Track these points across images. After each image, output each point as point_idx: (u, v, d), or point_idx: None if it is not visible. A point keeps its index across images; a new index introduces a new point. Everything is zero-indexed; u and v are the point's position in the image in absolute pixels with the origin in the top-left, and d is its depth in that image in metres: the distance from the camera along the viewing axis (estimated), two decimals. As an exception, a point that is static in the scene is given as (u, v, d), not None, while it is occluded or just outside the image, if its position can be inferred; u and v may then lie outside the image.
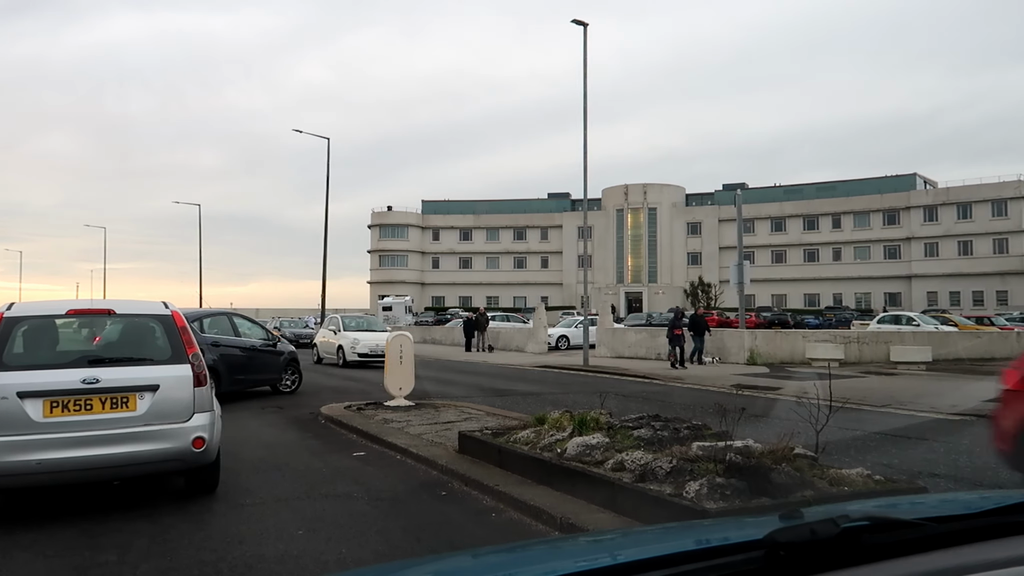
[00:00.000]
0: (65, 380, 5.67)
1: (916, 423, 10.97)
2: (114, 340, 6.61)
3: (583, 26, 25.60)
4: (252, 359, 14.36)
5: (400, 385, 11.74)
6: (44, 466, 5.44)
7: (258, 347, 14.70)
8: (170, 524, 5.59)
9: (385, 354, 11.89)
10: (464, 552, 2.53)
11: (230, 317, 15.29)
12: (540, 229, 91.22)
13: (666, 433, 6.00)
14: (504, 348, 34.52)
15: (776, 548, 1.41)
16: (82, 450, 5.54)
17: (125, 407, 5.79)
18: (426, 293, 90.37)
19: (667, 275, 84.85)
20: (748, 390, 16.27)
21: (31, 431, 5.45)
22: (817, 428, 5.85)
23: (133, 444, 5.73)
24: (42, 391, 5.57)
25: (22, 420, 5.44)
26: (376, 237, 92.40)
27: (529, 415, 10.65)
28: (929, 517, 1.61)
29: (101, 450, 5.61)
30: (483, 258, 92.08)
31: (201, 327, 13.40)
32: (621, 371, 21.15)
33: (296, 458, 8.20)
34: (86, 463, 5.57)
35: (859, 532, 1.45)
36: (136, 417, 5.78)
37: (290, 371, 15.29)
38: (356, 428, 9.65)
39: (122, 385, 5.81)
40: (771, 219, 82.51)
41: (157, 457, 5.85)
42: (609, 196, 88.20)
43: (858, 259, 78.63)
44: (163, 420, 5.87)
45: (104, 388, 5.73)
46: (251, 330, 15.30)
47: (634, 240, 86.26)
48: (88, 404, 5.68)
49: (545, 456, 6.15)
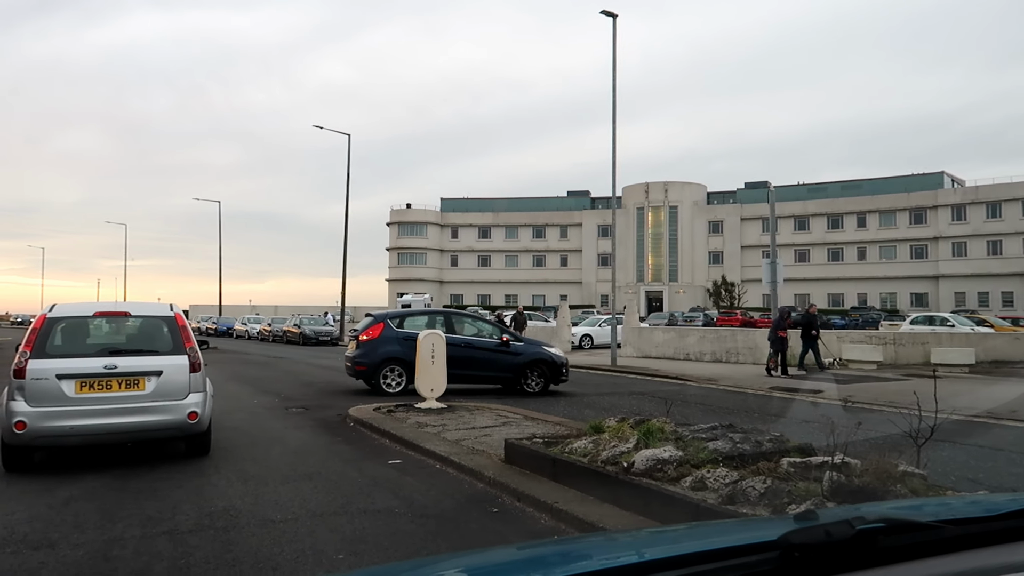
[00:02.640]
0: (91, 366, 7.36)
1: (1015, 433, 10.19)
2: (130, 335, 8.39)
3: (612, 17, 24.87)
4: (470, 355, 14.23)
5: (432, 386, 11.13)
6: (75, 430, 7.20)
7: (475, 344, 14.60)
8: (195, 545, 5.00)
9: (416, 353, 11.28)
10: (477, 551, 2.57)
11: (448, 316, 15.99)
12: (559, 227, 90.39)
13: (747, 446, 5.33)
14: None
15: (791, 549, 1.39)
16: (103, 419, 7.25)
17: (136, 387, 7.47)
18: (444, 291, 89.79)
19: (688, 274, 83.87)
20: (788, 393, 15.57)
21: (65, 404, 7.17)
22: (918, 440, 5.16)
23: (142, 416, 7.40)
24: (74, 374, 7.26)
25: (59, 395, 7.18)
26: (395, 235, 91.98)
27: (570, 420, 10.07)
28: (947, 519, 1.59)
29: (118, 419, 7.30)
30: (502, 256, 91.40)
31: (400, 324, 14.72)
32: (651, 372, 20.45)
33: (328, 466, 7.60)
34: (106, 429, 7.30)
35: (875, 534, 1.44)
36: (145, 395, 7.45)
37: (535, 372, 14.59)
38: (388, 432, 9.04)
39: (134, 370, 7.49)
40: (794, 218, 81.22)
41: (160, 426, 7.53)
42: (629, 194, 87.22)
43: (884, 259, 77.25)
44: (165, 398, 7.53)
45: (120, 373, 7.42)
46: (474, 327, 15.43)
47: (655, 238, 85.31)
48: (108, 384, 7.37)
49: (609, 470, 5.51)
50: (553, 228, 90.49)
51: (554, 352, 15.12)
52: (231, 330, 51.26)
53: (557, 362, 14.73)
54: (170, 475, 7.12)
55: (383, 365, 14.07)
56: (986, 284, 69.82)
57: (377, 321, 14.98)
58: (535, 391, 14.30)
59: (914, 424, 5.25)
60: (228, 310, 61.23)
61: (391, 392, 13.81)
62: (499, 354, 14.46)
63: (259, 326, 47.19)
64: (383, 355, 14.10)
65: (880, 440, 5.72)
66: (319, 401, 13.39)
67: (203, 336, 49.26)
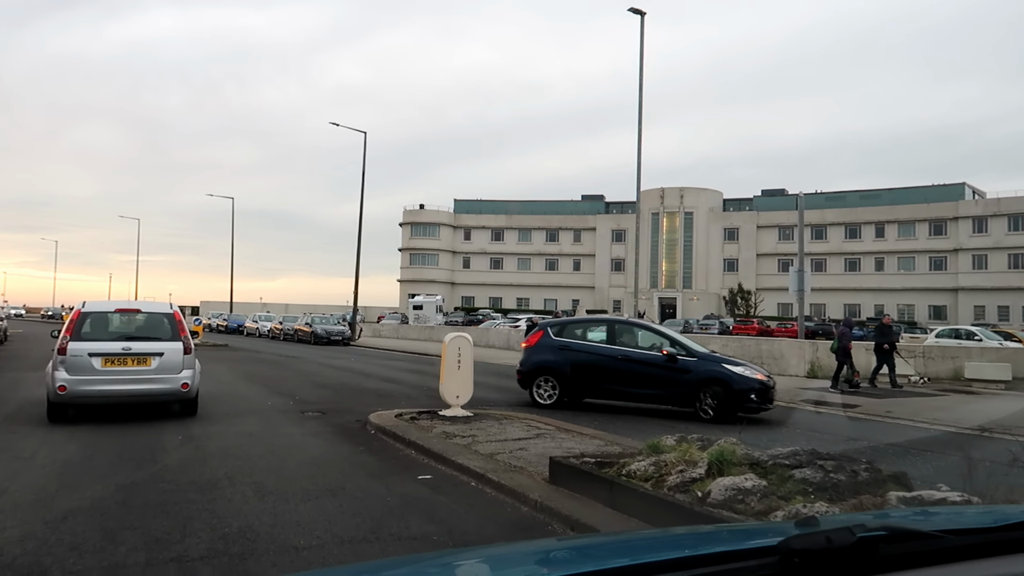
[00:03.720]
0: (112, 348, 10.10)
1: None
2: (140, 326, 10.92)
3: (640, 15, 24.24)
4: (627, 369, 12.40)
5: (457, 392, 10.47)
6: (100, 394, 9.92)
7: (633, 356, 12.51)
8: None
9: (441, 357, 10.61)
10: (474, 548, 2.71)
11: (611, 324, 14.01)
12: (573, 231, 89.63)
13: (842, 476, 4.63)
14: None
15: (791, 555, 1.38)
16: (121, 386, 9.98)
17: (145, 364, 10.13)
18: (456, 293, 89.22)
19: (702, 281, 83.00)
20: (823, 407, 14.82)
21: (94, 374, 9.82)
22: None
23: (148, 384, 10.12)
24: (100, 353, 9.93)
25: (89, 368, 9.80)
26: (407, 235, 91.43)
27: (606, 433, 9.37)
28: (949, 529, 1.57)
29: (131, 387, 10.05)
30: (514, 259, 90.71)
31: (559, 331, 13.45)
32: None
33: (352, 480, 6.94)
34: (122, 393, 10.06)
35: (875, 542, 1.43)
36: (151, 370, 10.13)
37: (709, 394, 11.80)
38: (415, 443, 8.36)
39: (143, 352, 10.17)
40: (812, 226, 79.97)
41: (161, 393, 10.27)
42: (645, 199, 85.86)
43: (902, 269, 76.20)
44: (165, 372, 10.18)
45: (133, 353, 10.13)
46: (640, 338, 13.09)
47: (669, 244, 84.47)
48: (125, 361, 10.06)
49: (680, 500, 4.81)
50: (567, 232, 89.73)
51: (739, 371, 11.92)
52: (242, 327, 50.73)
53: (739, 385, 11.70)
54: (180, 487, 6.48)
55: (536, 374, 13.11)
56: (1007, 298, 68.66)
57: (538, 328, 14.18)
58: (709, 417, 11.56)
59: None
60: (238, 307, 60.72)
61: (542, 403, 12.68)
62: (663, 370, 12.08)
63: (270, 324, 46.63)
64: (536, 363, 13.18)
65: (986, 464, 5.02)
66: (336, 405, 12.75)
67: (213, 331, 48.93)
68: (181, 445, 8.61)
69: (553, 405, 12.57)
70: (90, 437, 9.09)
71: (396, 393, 15.01)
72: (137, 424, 10.06)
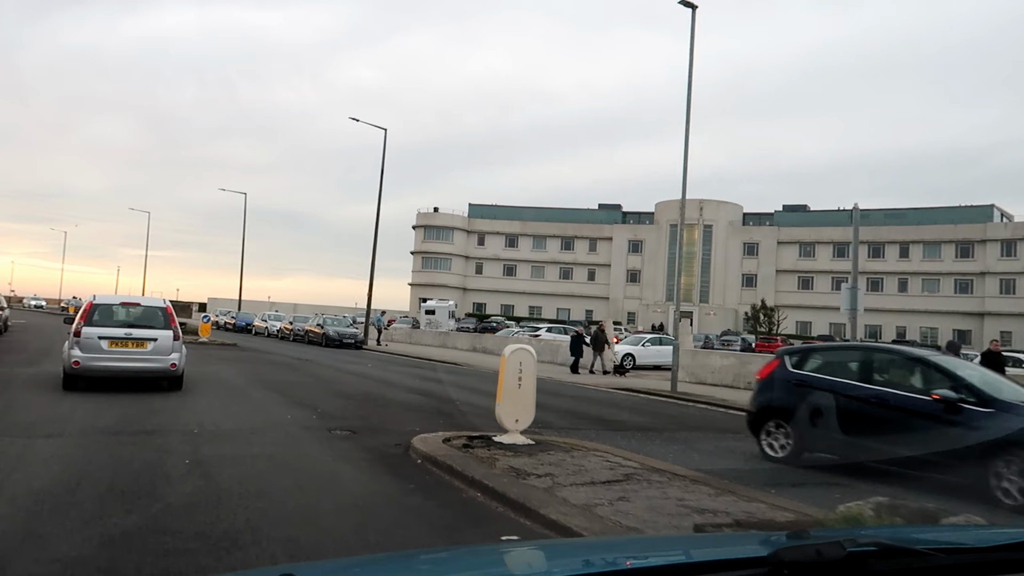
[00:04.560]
0: (117, 333, 12.58)
1: None
2: (139, 317, 13.18)
3: (692, 8, 22.61)
4: (881, 417, 8.76)
5: (517, 416, 8.78)
6: (106, 369, 12.36)
7: (889, 399, 8.80)
8: None
9: (499, 373, 8.92)
10: (461, 547, 3.09)
11: (869, 352, 10.36)
12: (589, 240, 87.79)
13: None
14: (563, 363, 31.52)
15: (780, 567, 1.37)
16: (123, 363, 12.46)
17: (142, 347, 12.64)
18: (467, 299, 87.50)
19: (719, 295, 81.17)
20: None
21: (102, 353, 12.31)
22: None
23: (144, 363, 12.62)
24: (107, 336, 12.42)
25: (98, 348, 12.28)
26: (420, 238, 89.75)
27: (731, 482, 7.60)
28: (939, 547, 1.57)
29: (130, 364, 12.52)
30: (528, 266, 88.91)
31: (800, 361, 10.14)
32: (719, 402, 17.98)
33: (411, 535, 5.26)
34: (123, 369, 12.49)
35: (865, 557, 1.42)
36: (147, 352, 12.64)
37: (1013, 464, 7.50)
38: (481, 483, 6.66)
39: (141, 337, 12.68)
40: (833, 244, 78.40)
41: (154, 370, 12.71)
42: (663, 210, 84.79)
43: (926, 291, 74.24)
44: (158, 354, 12.68)
45: (134, 338, 12.63)
46: (906, 374, 9.43)
47: (687, 257, 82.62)
48: (126, 344, 12.57)
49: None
50: (582, 241, 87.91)
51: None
52: (250, 326, 49.14)
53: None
54: (185, 542, 4.81)
55: (765, 417, 9.96)
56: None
57: (774, 357, 10.97)
58: (1017, 502, 7.29)
59: None
60: (246, 305, 59.06)
61: (772, 456, 9.64)
62: (938, 422, 8.19)
63: (279, 324, 45.01)
64: (764, 404, 10.13)
65: None
66: (365, 421, 11.07)
67: (220, 329, 47.27)
68: (188, 472, 6.94)
69: (786, 459, 9.48)
70: (81, 452, 7.49)
71: (427, 407, 13.34)
72: (135, 436, 8.44)
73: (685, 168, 22.19)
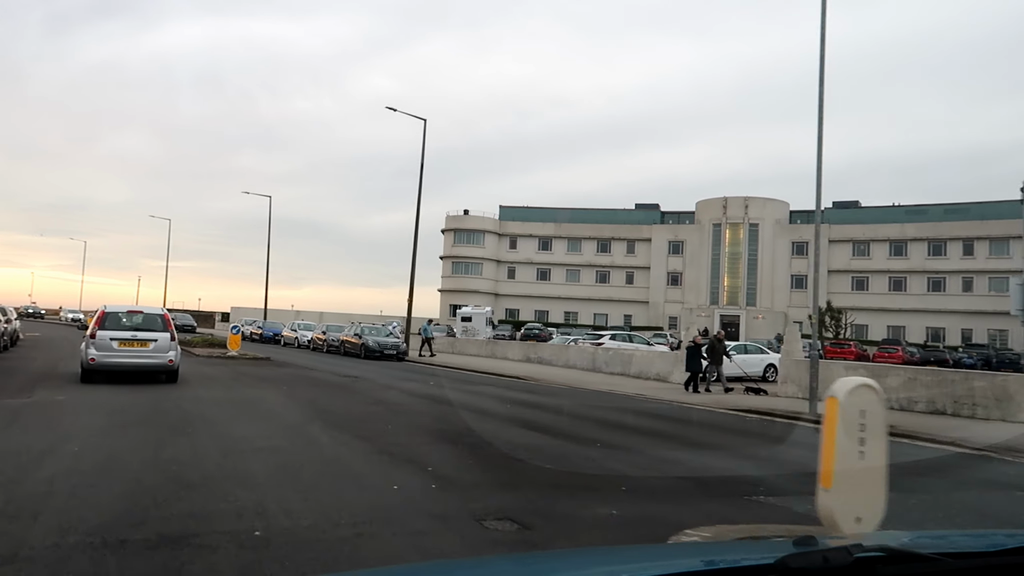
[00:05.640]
0: (125, 335, 15.48)
1: None
2: (142, 321, 16.20)
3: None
4: None
5: (859, 510, 4.71)
6: (116, 364, 15.26)
7: None
8: None
9: (824, 430, 4.88)
10: (466, 560, 2.94)
11: None
12: (626, 241, 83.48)
13: None
14: (639, 376, 27.46)
15: (788, 573, 1.38)
16: (130, 359, 15.34)
17: (145, 346, 15.46)
18: (499, 304, 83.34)
19: (767, 298, 76.66)
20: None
21: (113, 351, 15.21)
22: None
23: (147, 359, 15.44)
24: (117, 338, 15.30)
25: (110, 347, 15.18)
26: (450, 242, 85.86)
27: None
28: (946, 552, 1.55)
29: (136, 360, 15.37)
30: (563, 270, 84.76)
31: None
32: (910, 432, 13.78)
33: None
34: (130, 364, 15.34)
35: (873, 563, 1.42)
36: (149, 350, 15.46)
37: None
38: None
39: (144, 339, 15.52)
40: (890, 242, 73.87)
41: (154, 366, 15.50)
42: (704, 209, 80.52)
43: (993, 291, 69.22)
44: (158, 352, 15.51)
45: (138, 339, 15.49)
46: None
47: (731, 258, 78.29)
48: (132, 344, 15.40)
49: None
50: (619, 242, 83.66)
51: None
52: (278, 336, 45.44)
53: None
54: None
55: None
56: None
57: None
58: None
59: None
60: (270, 314, 55.47)
61: None
62: None
63: (311, 334, 41.24)
64: None
65: None
66: (519, 493, 6.98)
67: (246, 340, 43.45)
68: None
69: None
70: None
71: (575, 457, 9.28)
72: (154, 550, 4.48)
73: (820, 152, 17.96)
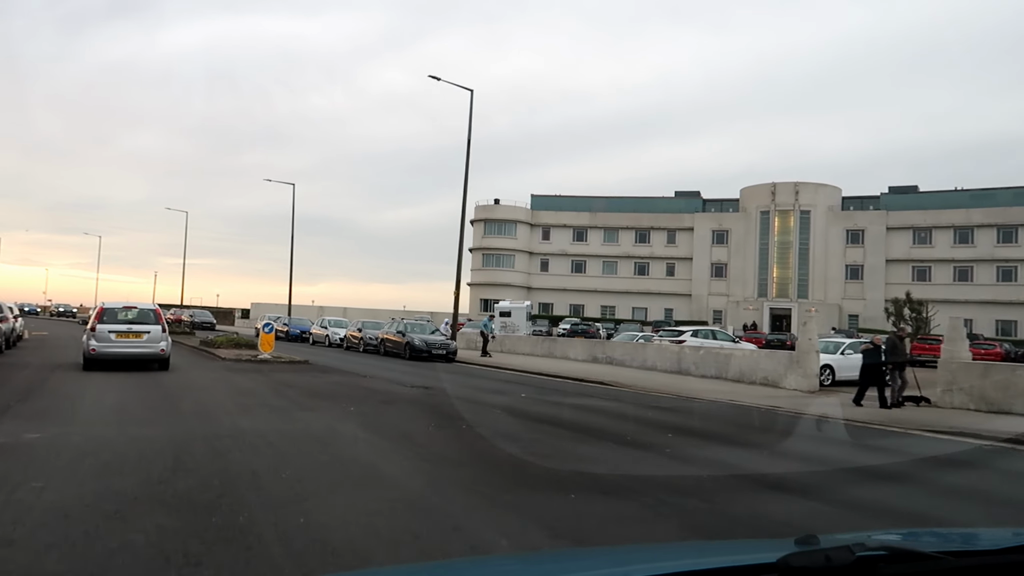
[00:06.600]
0: (121, 327, 17.88)
1: None
2: (136, 316, 18.47)
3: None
4: None
5: None
6: (114, 354, 17.52)
7: None
8: None
9: None
10: (474, 559, 2.96)
11: None
12: (666, 231, 78.82)
13: None
14: (740, 380, 23.13)
15: (790, 572, 1.37)
16: (126, 349, 17.66)
17: (139, 338, 17.83)
18: (532, 298, 78.89)
19: (820, 290, 71.84)
20: None
21: (111, 342, 17.55)
22: None
23: (141, 349, 17.81)
24: (115, 330, 17.73)
25: (108, 339, 17.55)
26: (480, 233, 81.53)
27: None
28: (948, 551, 1.52)
29: (132, 350, 17.70)
30: (599, 262, 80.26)
31: None
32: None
33: None
34: (126, 354, 17.63)
35: (875, 561, 1.42)
36: (143, 341, 17.83)
37: None
38: None
39: (139, 331, 17.91)
40: (954, 228, 68.84)
41: (148, 354, 17.87)
42: (750, 196, 75.77)
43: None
44: (151, 343, 17.89)
45: (134, 331, 17.88)
46: None
47: (781, 247, 73.48)
48: (128, 335, 17.79)
49: None
50: (659, 232, 79.01)
51: None
52: (306, 334, 41.51)
53: None
54: None
55: None
56: None
57: None
58: None
59: None
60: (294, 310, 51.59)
61: None
62: None
63: (343, 331, 37.18)
64: None
65: None
66: None
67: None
68: None
69: None
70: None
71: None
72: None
73: None
